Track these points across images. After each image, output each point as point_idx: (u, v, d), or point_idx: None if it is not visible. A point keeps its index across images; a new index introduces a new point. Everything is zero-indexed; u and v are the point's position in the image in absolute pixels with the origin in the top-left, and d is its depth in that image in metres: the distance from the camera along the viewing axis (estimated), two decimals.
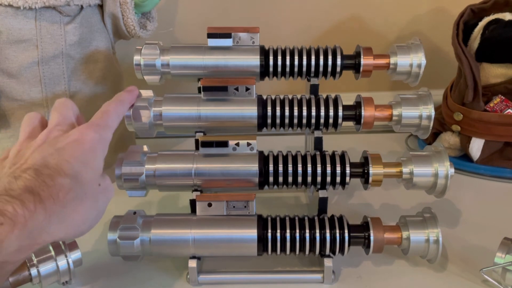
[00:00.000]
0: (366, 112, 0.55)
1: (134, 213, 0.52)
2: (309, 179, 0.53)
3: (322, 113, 0.55)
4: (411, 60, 0.57)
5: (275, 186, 0.54)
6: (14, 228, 0.31)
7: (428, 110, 0.55)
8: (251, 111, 0.55)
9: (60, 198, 0.34)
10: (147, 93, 0.56)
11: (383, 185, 0.55)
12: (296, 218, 0.52)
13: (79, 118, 0.47)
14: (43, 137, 0.39)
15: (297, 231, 0.51)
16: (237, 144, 0.53)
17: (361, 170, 0.54)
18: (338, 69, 0.57)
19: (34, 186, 0.33)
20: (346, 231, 0.51)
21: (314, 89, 0.57)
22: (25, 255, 0.34)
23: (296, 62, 0.57)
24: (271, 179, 0.53)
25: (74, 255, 0.50)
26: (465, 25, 0.72)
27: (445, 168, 0.53)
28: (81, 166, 0.37)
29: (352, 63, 0.58)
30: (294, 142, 0.77)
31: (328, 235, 0.51)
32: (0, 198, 0.32)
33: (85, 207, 0.37)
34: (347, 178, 0.54)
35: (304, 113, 0.55)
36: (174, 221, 0.52)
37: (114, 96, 0.48)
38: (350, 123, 0.57)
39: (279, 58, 0.56)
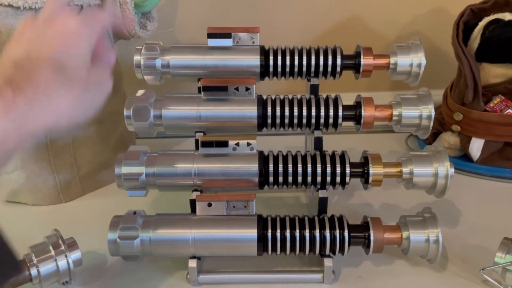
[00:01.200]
0: (366, 112, 0.55)
1: (134, 213, 0.52)
2: (309, 179, 0.53)
3: (322, 113, 0.55)
4: (411, 60, 0.57)
5: (275, 186, 0.54)
6: None
7: (428, 110, 0.55)
8: (251, 111, 0.55)
9: (42, 86, 0.34)
10: (147, 93, 0.56)
11: (383, 185, 0.55)
12: (296, 218, 0.52)
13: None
14: (28, 30, 0.38)
15: (297, 231, 0.51)
16: (237, 144, 0.53)
17: (361, 170, 0.54)
18: (338, 69, 0.57)
19: (13, 77, 0.34)
20: (346, 231, 0.51)
21: (314, 89, 0.57)
22: (14, 144, 0.34)
23: (296, 62, 0.57)
24: (271, 179, 0.53)
25: (74, 255, 0.50)
26: (465, 25, 0.72)
27: (445, 168, 0.53)
28: (64, 53, 0.36)
29: (352, 63, 0.58)
30: (294, 142, 0.77)
31: (328, 235, 0.51)
32: None
33: (73, 94, 0.36)
34: (347, 178, 0.54)
35: (304, 113, 0.55)
36: (174, 221, 0.52)
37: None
38: (350, 123, 0.57)
39: (279, 58, 0.56)
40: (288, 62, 0.57)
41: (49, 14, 0.39)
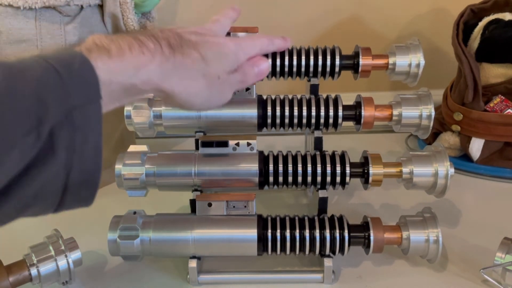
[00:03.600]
0: (366, 112, 0.55)
1: (134, 213, 0.52)
2: (309, 179, 0.53)
3: (322, 113, 0.55)
4: (410, 60, 0.57)
5: (275, 186, 0.54)
6: (151, 62, 0.38)
7: (428, 110, 0.55)
8: (251, 111, 0.55)
9: (188, 63, 0.41)
10: None
11: (383, 185, 0.55)
12: (296, 218, 0.52)
13: None
14: (203, 29, 0.46)
15: (297, 231, 0.51)
16: (237, 144, 0.53)
17: (361, 170, 0.54)
18: (337, 69, 0.57)
19: (174, 44, 0.41)
20: (346, 231, 0.51)
21: (314, 89, 0.57)
22: (150, 88, 0.39)
23: (294, 62, 0.56)
24: (271, 179, 0.53)
25: (74, 255, 0.50)
26: (465, 25, 0.72)
27: (445, 168, 0.53)
28: (212, 56, 0.43)
29: (351, 63, 0.58)
30: (294, 142, 0.77)
31: (328, 235, 0.51)
32: (148, 37, 0.39)
33: (202, 83, 0.42)
34: (347, 178, 0.54)
35: (304, 113, 0.55)
36: (174, 221, 0.52)
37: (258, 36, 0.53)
38: (350, 123, 0.57)
39: (278, 58, 0.56)
40: (286, 62, 0.56)
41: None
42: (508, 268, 0.48)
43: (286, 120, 0.55)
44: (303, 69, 0.57)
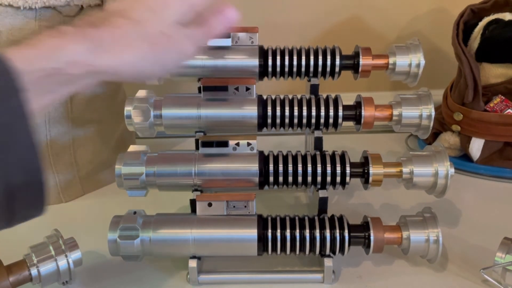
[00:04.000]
0: (366, 112, 0.55)
1: (134, 213, 0.52)
2: (309, 179, 0.53)
3: (322, 113, 0.55)
4: (410, 60, 0.57)
5: (275, 186, 0.54)
6: (69, 43, 0.35)
7: (428, 110, 0.55)
8: (251, 111, 0.55)
9: (117, 32, 0.38)
10: (147, 93, 0.56)
11: (383, 185, 0.55)
12: (296, 218, 0.52)
13: None
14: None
15: (297, 231, 0.51)
16: (237, 144, 0.53)
17: (361, 170, 0.54)
18: (337, 69, 0.57)
19: (96, 21, 0.38)
20: (346, 231, 0.51)
21: (314, 89, 0.57)
22: (83, 71, 0.36)
23: (294, 62, 0.57)
24: (271, 179, 0.53)
25: (74, 255, 0.50)
26: (465, 25, 0.72)
27: (445, 168, 0.53)
28: (144, 14, 0.39)
29: (351, 63, 0.58)
30: (294, 142, 0.77)
31: (328, 235, 0.51)
32: (71, 24, 0.37)
33: (141, 47, 0.39)
34: (347, 178, 0.54)
35: (304, 113, 0.55)
36: (174, 221, 0.52)
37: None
38: (350, 123, 0.57)
39: (278, 58, 0.56)
40: (286, 62, 0.56)
41: None
42: (508, 268, 0.48)
43: (286, 120, 0.55)
44: (303, 69, 0.57)
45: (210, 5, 0.43)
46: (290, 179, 0.53)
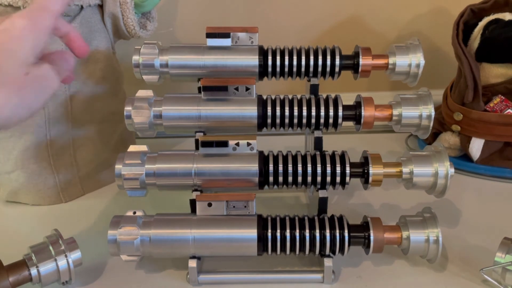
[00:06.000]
0: (366, 112, 0.55)
1: (134, 213, 0.52)
2: (309, 179, 0.53)
3: (322, 113, 0.55)
4: (410, 60, 0.57)
5: (275, 186, 0.54)
6: None
7: (428, 110, 0.55)
8: (251, 111, 0.55)
9: None
10: (147, 93, 0.56)
11: (383, 185, 0.55)
12: (296, 218, 0.52)
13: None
14: None
15: (297, 231, 0.51)
16: (237, 144, 0.53)
17: (361, 170, 0.54)
18: (337, 69, 0.57)
19: None
20: (346, 231, 0.51)
21: (314, 89, 0.57)
22: None
23: (294, 62, 0.57)
24: (271, 179, 0.53)
25: (74, 255, 0.50)
26: (465, 25, 0.72)
27: (445, 168, 0.53)
28: (1, 55, 0.37)
29: (351, 63, 0.58)
30: (294, 142, 0.77)
31: (328, 235, 0.51)
32: None
33: (3, 93, 0.36)
34: (347, 178, 0.54)
35: (304, 113, 0.55)
36: (174, 221, 0.52)
37: None
38: (350, 123, 0.57)
39: (278, 58, 0.56)
40: (286, 62, 0.56)
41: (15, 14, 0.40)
42: (508, 268, 0.48)
43: (286, 120, 0.55)
44: (303, 69, 0.57)
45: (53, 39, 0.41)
46: (290, 179, 0.53)
